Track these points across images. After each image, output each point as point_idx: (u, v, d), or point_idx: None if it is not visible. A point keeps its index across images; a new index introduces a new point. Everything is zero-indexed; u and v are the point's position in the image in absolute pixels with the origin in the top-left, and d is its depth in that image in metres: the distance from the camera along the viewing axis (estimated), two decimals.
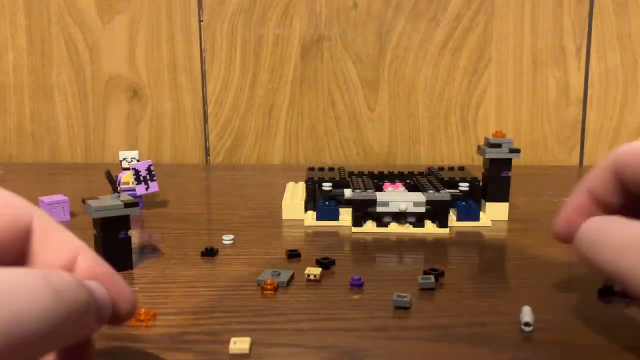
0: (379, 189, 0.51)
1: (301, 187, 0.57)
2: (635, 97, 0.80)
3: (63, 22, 0.80)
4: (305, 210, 0.52)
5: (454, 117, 0.81)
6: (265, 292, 0.36)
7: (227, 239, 0.46)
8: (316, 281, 0.38)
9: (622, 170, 0.30)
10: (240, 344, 0.30)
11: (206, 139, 0.82)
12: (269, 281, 0.36)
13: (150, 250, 0.46)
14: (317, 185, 0.53)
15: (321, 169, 0.58)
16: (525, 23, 0.79)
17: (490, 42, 0.79)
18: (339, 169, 0.58)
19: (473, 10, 0.79)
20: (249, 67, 0.80)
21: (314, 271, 0.38)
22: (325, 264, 0.40)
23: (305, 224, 0.50)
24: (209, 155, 0.83)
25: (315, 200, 0.52)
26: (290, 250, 0.43)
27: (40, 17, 0.80)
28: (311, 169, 0.58)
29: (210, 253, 0.43)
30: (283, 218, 0.52)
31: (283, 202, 0.52)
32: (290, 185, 0.58)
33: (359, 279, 0.37)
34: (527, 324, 0.31)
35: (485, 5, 0.78)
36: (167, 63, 0.80)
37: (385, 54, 0.80)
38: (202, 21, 0.80)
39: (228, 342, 0.30)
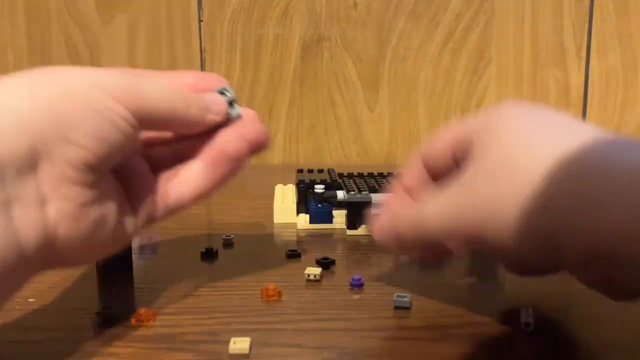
0: (373, 190, 0.51)
1: (290, 189, 0.56)
2: (635, 97, 0.80)
3: (63, 22, 0.80)
4: (297, 214, 0.51)
5: (454, 117, 0.81)
6: (268, 298, 0.36)
7: (227, 239, 0.46)
8: (316, 281, 0.38)
9: (426, 163, 0.34)
10: (240, 344, 0.30)
11: None
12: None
13: (150, 250, 0.46)
14: (308, 187, 0.52)
15: (310, 171, 0.58)
16: (525, 23, 0.79)
17: (490, 42, 0.79)
18: (329, 170, 0.58)
19: (473, 10, 0.79)
20: (249, 67, 0.80)
21: (314, 271, 0.38)
22: (325, 263, 0.40)
23: (298, 227, 0.50)
24: None
25: (307, 203, 0.51)
26: (290, 250, 0.43)
27: (40, 17, 0.80)
28: (300, 170, 0.58)
29: (210, 253, 0.43)
30: (275, 222, 0.51)
31: (274, 205, 0.52)
32: (279, 187, 0.58)
33: (359, 279, 0.37)
34: (527, 324, 0.31)
35: (485, 5, 0.78)
36: (167, 63, 0.80)
37: (385, 54, 0.80)
38: (202, 21, 0.80)
39: (228, 342, 0.30)
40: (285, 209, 0.51)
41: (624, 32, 0.79)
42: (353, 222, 0.48)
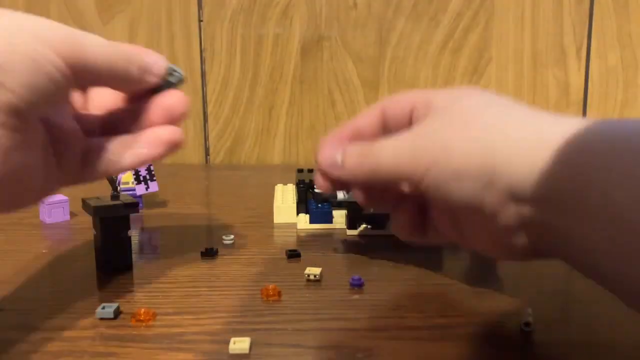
0: None
1: (291, 189, 0.56)
2: (635, 97, 0.80)
3: (63, 22, 0.79)
4: (297, 214, 0.51)
5: None
6: (268, 298, 0.36)
7: (227, 239, 0.46)
8: (316, 281, 0.38)
9: (385, 111, 0.36)
10: (240, 344, 0.30)
11: (206, 139, 0.82)
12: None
13: (150, 250, 0.46)
14: (308, 187, 0.52)
15: (310, 171, 0.58)
16: (525, 23, 0.79)
17: (490, 42, 0.79)
18: None
19: (473, 10, 0.79)
20: (249, 67, 0.80)
21: (314, 271, 0.38)
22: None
23: (298, 227, 0.50)
24: (209, 155, 0.83)
25: (307, 203, 0.51)
26: (290, 250, 0.43)
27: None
28: (300, 170, 0.58)
29: (210, 253, 0.43)
30: (275, 222, 0.51)
31: (274, 205, 0.52)
32: (279, 187, 0.57)
33: (359, 279, 0.37)
34: (527, 324, 0.31)
35: (485, 5, 0.78)
36: None
37: (385, 54, 0.80)
38: (202, 21, 0.80)
39: (228, 342, 0.30)
40: (285, 208, 0.51)
41: (624, 32, 0.79)
42: (353, 222, 0.48)
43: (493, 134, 0.30)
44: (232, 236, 0.46)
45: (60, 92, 0.30)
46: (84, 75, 0.30)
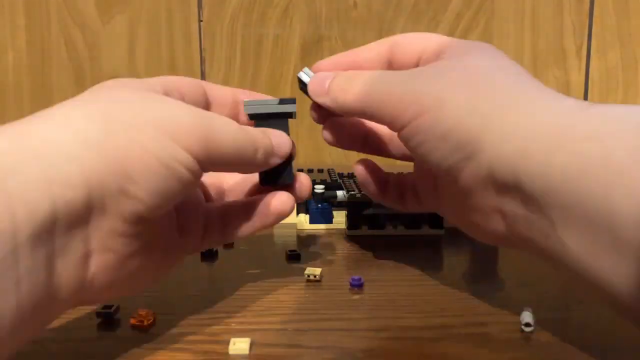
0: None
1: None
2: (635, 97, 0.80)
3: (63, 22, 0.80)
4: (297, 214, 0.51)
5: None
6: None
7: None
8: (316, 281, 0.38)
9: (394, 48, 0.34)
10: (240, 344, 0.30)
11: None
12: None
13: None
14: None
15: (310, 171, 0.58)
16: (525, 23, 0.79)
17: (490, 42, 0.79)
18: (329, 170, 0.58)
19: (473, 10, 0.79)
20: (249, 67, 0.80)
21: (314, 271, 0.38)
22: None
23: (298, 227, 0.50)
24: None
25: (307, 203, 0.51)
26: (290, 251, 0.43)
27: (39, 17, 0.80)
28: (300, 170, 0.58)
29: (210, 253, 0.43)
30: None
31: None
32: None
33: (359, 279, 0.37)
34: (527, 324, 0.31)
35: (485, 5, 0.78)
36: (166, 63, 0.80)
37: None
38: (202, 21, 0.80)
39: (228, 342, 0.30)
40: None
41: (624, 32, 0.79)
42: (353, 222, 0.48)
43: (493, 104, 0.27)
44: None
45: (188, 189, 0.27)
46: (209, 167, 0.28)
